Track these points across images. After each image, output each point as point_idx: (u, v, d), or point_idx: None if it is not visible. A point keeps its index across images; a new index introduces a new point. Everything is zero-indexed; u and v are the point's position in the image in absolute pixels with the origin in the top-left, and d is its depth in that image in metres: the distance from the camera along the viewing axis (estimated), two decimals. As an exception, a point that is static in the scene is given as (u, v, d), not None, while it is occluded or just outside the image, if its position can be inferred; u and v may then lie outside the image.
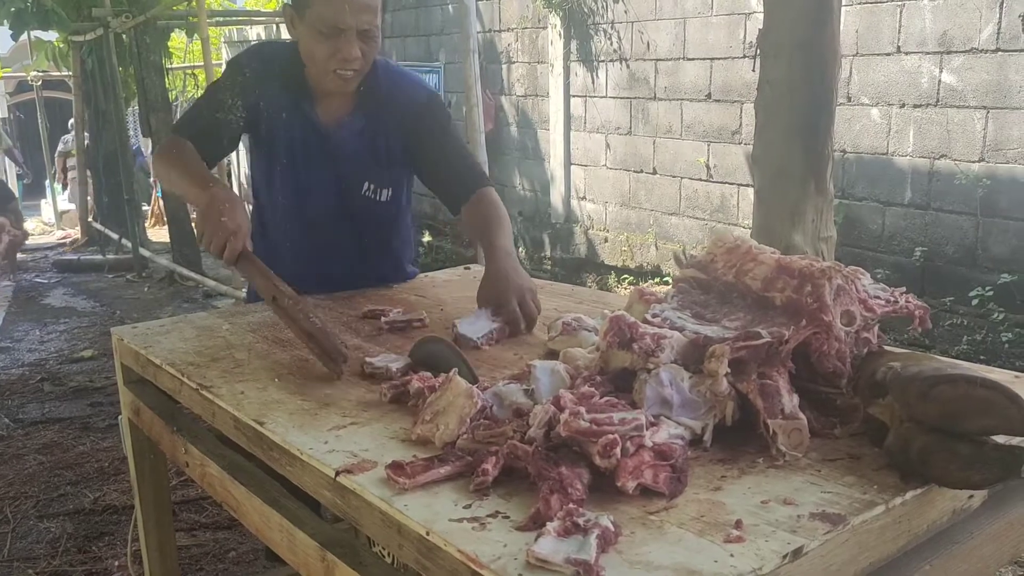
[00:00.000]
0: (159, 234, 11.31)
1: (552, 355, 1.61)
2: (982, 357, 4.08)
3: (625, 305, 1.64)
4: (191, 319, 2.10)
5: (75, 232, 11.67)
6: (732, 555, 0.91)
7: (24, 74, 12.29)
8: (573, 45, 6.26)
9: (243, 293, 7.00)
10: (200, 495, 3.40)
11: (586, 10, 6.05)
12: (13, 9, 8.20)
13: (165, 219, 12.65)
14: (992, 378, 1.03)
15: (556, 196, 6.72)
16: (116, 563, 2.93)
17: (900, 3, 4.29)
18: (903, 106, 4.35)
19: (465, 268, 2.58)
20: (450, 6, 7.44)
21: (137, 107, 11.38)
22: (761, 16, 2.61)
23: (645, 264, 5.83)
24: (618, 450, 1.05)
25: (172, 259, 8.57)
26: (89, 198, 11.37)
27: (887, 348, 1.27)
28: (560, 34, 6.31)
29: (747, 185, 5.10)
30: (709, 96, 5.21)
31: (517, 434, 1.17)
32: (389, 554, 1.24)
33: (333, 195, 2.15)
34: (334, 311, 2.04)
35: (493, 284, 1.85)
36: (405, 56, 8.09)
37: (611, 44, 5.83)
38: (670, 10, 5.39)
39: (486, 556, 0.93)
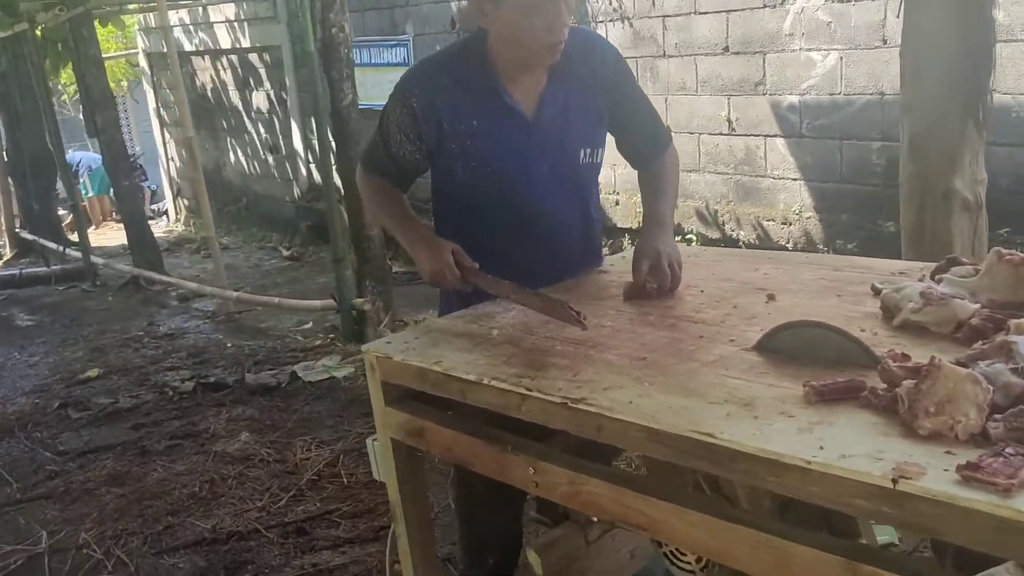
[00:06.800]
0: (97, 239, 10.71)
1: (911, 329, 1.55)
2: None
3: (984, 270, 1.59)
4: (434, 326, 1.95)
5: (-3, 245, 10.89)
6: None
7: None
8: (562, 7, 6.12)
9: (232, 293, 6.69)
10: (324, 509, 3.22)
11: (577, -30, 5.93)
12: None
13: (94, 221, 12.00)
14: None
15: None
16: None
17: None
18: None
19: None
20: (415, -27, 7.18)
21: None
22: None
23: (664, 224, 5.82)
24: None
25: (133, 264, 8.11)
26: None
27: None
28: (547, -4, 6.16)
29: (775, 136, 5.12)
30: (727, 49, 5.19)
31: (1080, 417, 1.10)
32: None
33: (556, 176, 2.04)
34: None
35: (637, 249, 1.97)
36: (365, 31, 7.78)
37: (610, 3, 5.73)
38: (672, -36, 5.33)
39: None
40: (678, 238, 5.80)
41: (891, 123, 4.57)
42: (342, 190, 5.48)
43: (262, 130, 9.65)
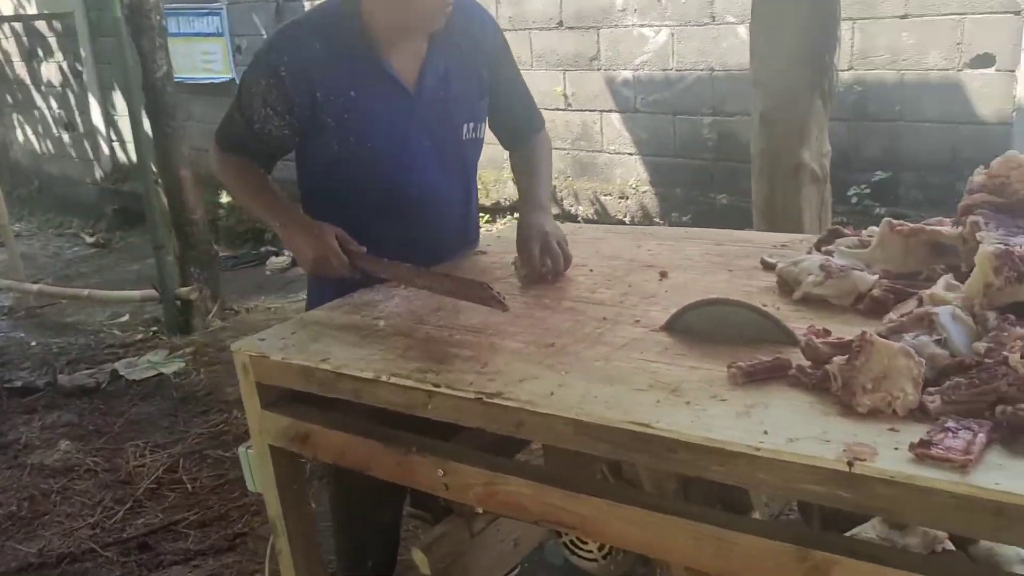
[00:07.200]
0: None
1: (812, 302, 1.54)
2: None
3: (876, 241, 1.61)
4: (311, 319, 1.77)
5: None
6: None
7: None
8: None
9: (32, 286, 6.06)
10: (167, 520, 2.94)
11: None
12: None
13: None
14: None
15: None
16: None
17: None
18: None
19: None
20: (226, -62, 6.71)
21: None
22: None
23: (503, 200, 5.75)
24: None
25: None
26: None
27: None
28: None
29: (610, 111, 5.17)
30: (561, 24, 5.18)
31: (1013, 387, 1.11)
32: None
33: (438, 152, 1.92)
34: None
35: (520, 233, 1.89)
36: (172, -3, 7.21)
37: (440, -26, 5.58)
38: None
39: None
40: (515, 214, 5.78)
41: (721, 99, 4.73)
42: (157, 170, 5.06)
43: (55, 105, 8.80)
